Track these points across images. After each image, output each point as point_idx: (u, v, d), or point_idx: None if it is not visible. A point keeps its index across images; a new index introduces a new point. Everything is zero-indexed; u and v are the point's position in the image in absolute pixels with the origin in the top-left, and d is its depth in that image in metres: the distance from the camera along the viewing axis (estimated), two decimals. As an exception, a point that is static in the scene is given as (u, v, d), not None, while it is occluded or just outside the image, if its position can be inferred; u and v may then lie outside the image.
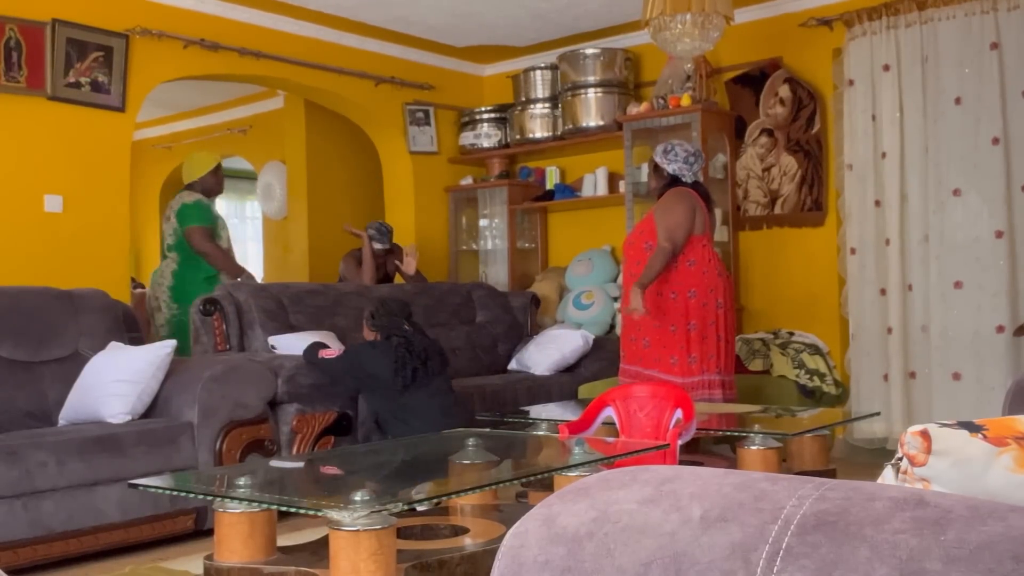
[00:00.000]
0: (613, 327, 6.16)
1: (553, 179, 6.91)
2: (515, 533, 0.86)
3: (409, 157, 6.94)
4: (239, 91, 7.96)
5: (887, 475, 0.98)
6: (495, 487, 2.93)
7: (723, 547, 0.72)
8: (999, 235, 4.94)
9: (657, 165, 4.62)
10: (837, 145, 5.57)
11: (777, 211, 5.86)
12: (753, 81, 5.94)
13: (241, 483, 2.47)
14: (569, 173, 6.93)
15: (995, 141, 4.96)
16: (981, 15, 4.99)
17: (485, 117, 7.00)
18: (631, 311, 4.32)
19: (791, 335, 5.54)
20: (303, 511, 2.54)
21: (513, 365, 5.89)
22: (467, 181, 7.14)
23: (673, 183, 4.57)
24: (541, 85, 6.73)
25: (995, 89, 4.95)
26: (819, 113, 5.69)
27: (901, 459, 0.96)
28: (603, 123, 6.35)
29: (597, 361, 5.67)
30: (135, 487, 2.65)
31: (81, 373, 3.88)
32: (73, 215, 5.09)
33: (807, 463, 3.98)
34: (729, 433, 4.08)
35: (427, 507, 3.05)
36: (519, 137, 6.83)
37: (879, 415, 4.61)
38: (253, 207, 10.03)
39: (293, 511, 2.59)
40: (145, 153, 8.94)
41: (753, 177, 5.94)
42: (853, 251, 5.40)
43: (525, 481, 3.03)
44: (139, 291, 7.00)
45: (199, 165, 5.79)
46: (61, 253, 5.01)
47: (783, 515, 0.72)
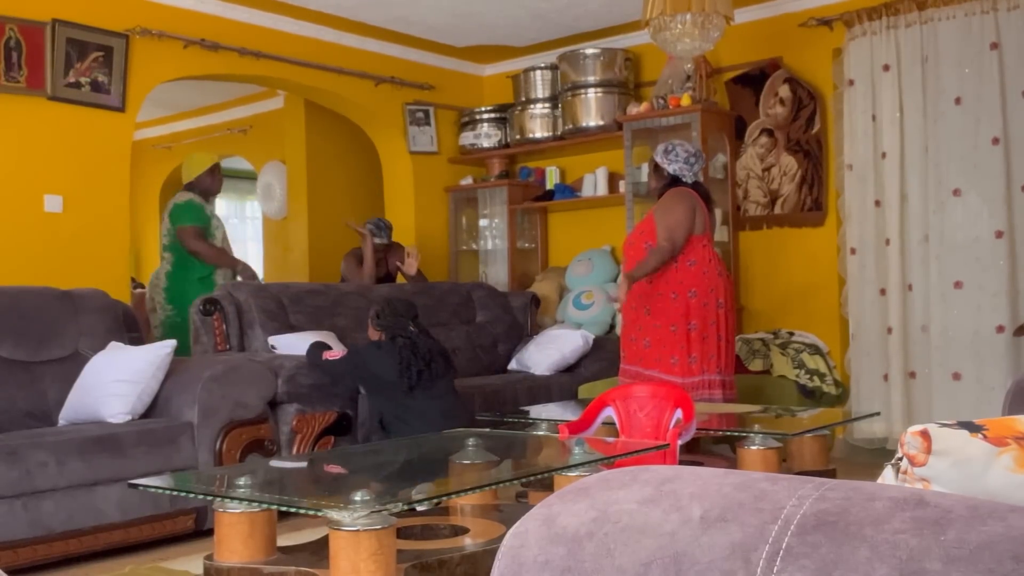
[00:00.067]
0: (613, 327, 6.16)
1: (553, 179, 6.91)
2: (515, 533, 0.86)
3: (409, 157, 6.94)
4: (239, 91, 7.96)
5: (887, 475, 0.98)
6: (495, 487, 2.93)
7: (723, 547, 0.72)
8: (999, 235, 4.94)
9: (658, 165, 4.62)
10: (837, 145, 5.57)
11: (777, 211, 5.86)
12: (753, 81, 5.94)
13: (241, 483, 2.47)
14: (569, 173, 6.93)
15: (995, 141, 4.96)
16: (981, 15, 4.99)
17: (485, 117, 7.00)
18: (613, 300, 4.36)
19: (791, 335, 5.54)
20: (303, 511, 2.54)
21: (513, 365, 5.89)
22: (467, 181, 7.14)
23: (673, 183, 4.57)
24: (541, 85, 6.73)
25: (995, 89, 4.95)
26: (819, 113, 5.69)
27: (901, 459, 0.96)
28: (603, 123, 6.35)
29: (597, 361, 5.67)
30: (135, 487, 2.65)
31: (81, 373, 3.88)
32: (73, 215, 5.09)
33: (807, 463, 3.98)
34: (729, 433, 4.08)
35: (427, 507, 3.05)
36: (519, 137, 6.83)
37: (879, 415, 4.61)
38: (253, 207, 10.03)
39: (293, 511, 2.59)
40: (145, 153, 8.94)
41: (753, 177, 5.94)
42: (853, 251, 5.40)
43: (525, 481, 3.03)
44: (139, 291, 7.00)
45: (196, 165, 5.82)
46: (61, 253, 5.01)
47: (783, 515, 0.72)
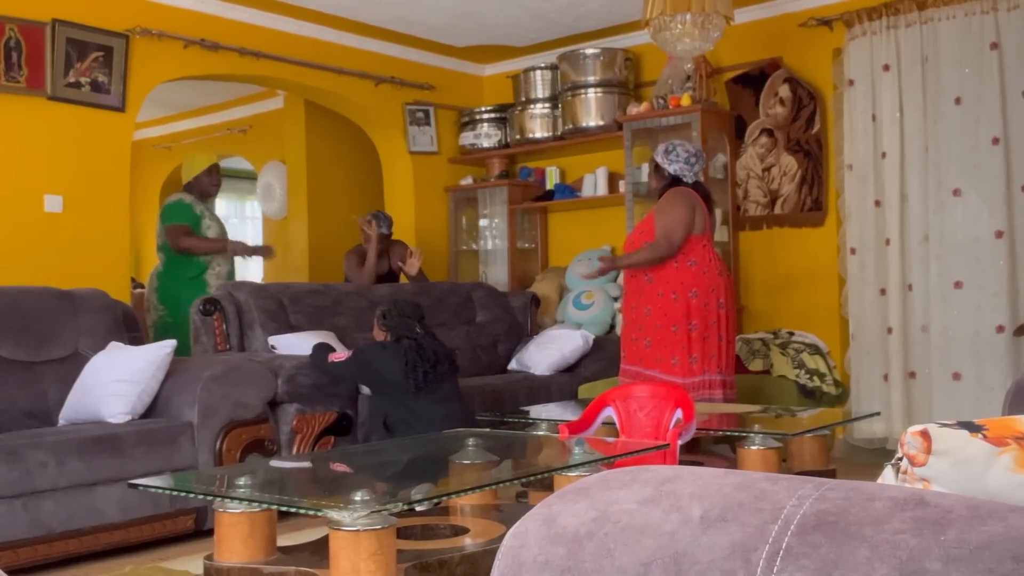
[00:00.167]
0: (613, 327, 6.16)
1: (553, 179, 6.91)
2: (515, 533, 0.86)
3: (409, 157, 6.94)
4: (239, 91, 7.96)
5: (887, 475, 0.98)
6: (495, 487, 2.93)
7: (723, 547, 0.72)
8: (999, 235, 4.94)
9: (658, 165, 4.62)
10: (837, 145, 5.57)
11: (777, 211, 5.86)
12: (753, 81, 5.94)
13: (241, 483, 2.47)
14: (569, 173, 6.93)
15: (995, 141, 4.96)
16: (981, 15, 4.99)
17: (485, 117, 7.00)
18: (589, 273, 4.46)
19: (791, 335, 5.54)
20: (303, 511, 2.54)
21: (513, 365, 5.89)
22: (467, 181, 7.14)
23: (674, 183, 4.57)
24: (541, 85, 6.73)
25: (995, 89, 4.95)
26: (819, 113, 5.69)
27: (901, 459, 0.96)
28: (603, 123, 6.35)
29: (597, 361, 5.66)
30: (135, 487, 2.65)
31: (81, 373, 3.88)
32: (73, 215, 5.09)
33: (807, 463, 3.97)
34: (729, 433, 4.07)
35: (427, 507, 3.05)
36: (519, 137, 6.83)
37: (879, 415, 4.61)
38: (253, 207, 10.02)
39: (293, 511, 2.59)
40: (145, 153, 8.94)
41: (753, 177, 5.94)
42: (853, 251, 5.40)
43: (525, 481, 3.03)
44: (139, 291, 7.00)
45: (194, 166, 5.87)
46: (61, 253, 5.01)
47: (783, 515, 0.72)
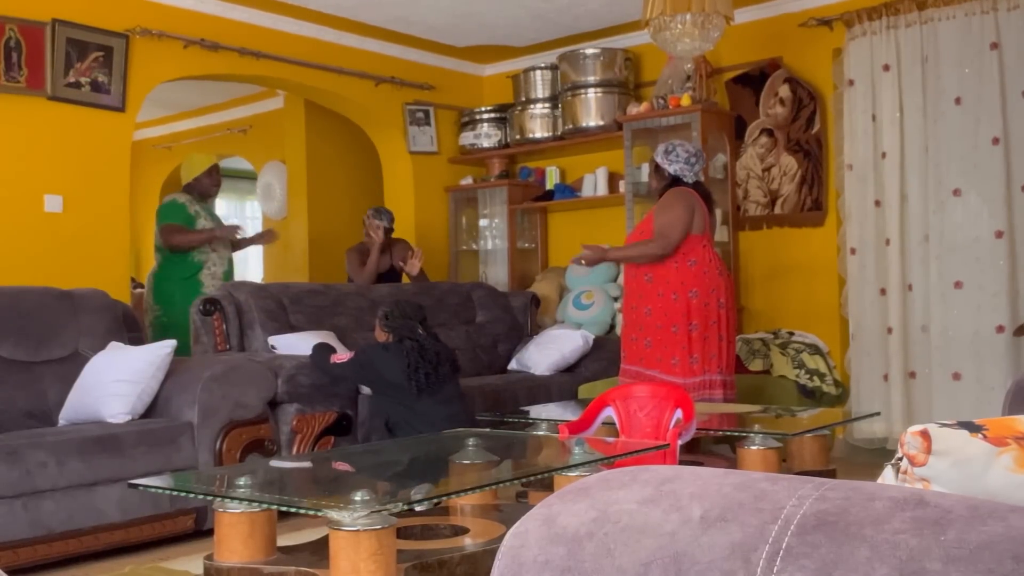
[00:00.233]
0: (613, 327, 6.16)
1: (553, 179, 6.91)
2: (515, 533, 0.86)
3: (409, 157, 6.94)
4: (239, 91, 7.96)
5: (887, 475, 0.98)
6: (495, 487, 2.93)
7: (723, 547, 0.72)
8: (999, 235, 4.94)
9: (658, 165, 4.62)
10: (837, 145, 5.57)
11: (777, 211, 5.86)
12: (753, 81, 5.94)
13: (241, 483, 2.47)
14: (569, 173, 6.93)
15: (995, 141, 4.96)
16: (981, 15, 4.99)
17: (485, 117, 7.00)
18: (579, 258, 4.53)
19: (791, 335, 5.54)
20: (303, 511, 2.54)
21: (513, 365, 5.88)
22: (467, 181, 7.14)
23: (674, 183, 4.56)
24: (541, 85, 6.73)
25: (995, 89, 4.95)
26: (819, 113, 5.69)
27: (901, 459, 0.96)
28: (603, 123, 6.35)
29: (597, 361, 5.66)
30: (135, 487, 2.65)
31: (81, 373, 3.88)
32: (73, 215, 5.09)
33: (807, 463, 3.97)
34: (729, 433, 4.07)
35: (427, 507, 3.05)
36: (519, 137, 6.83)
37: (879, 415, 4.61)
38: (253, 207, 10.03)
39: (293, 511, 2.59)
40: (145, 153, 8.94)
41: (753, 177, 5.94)
42: (853, 251, 5.40)
43: (525, 481, 3.03)
44: (139, 291, 7.00)
45: (194, 167, 5.88)
46: (61, 253, 5.01)
47: (783, 515, 0.72)
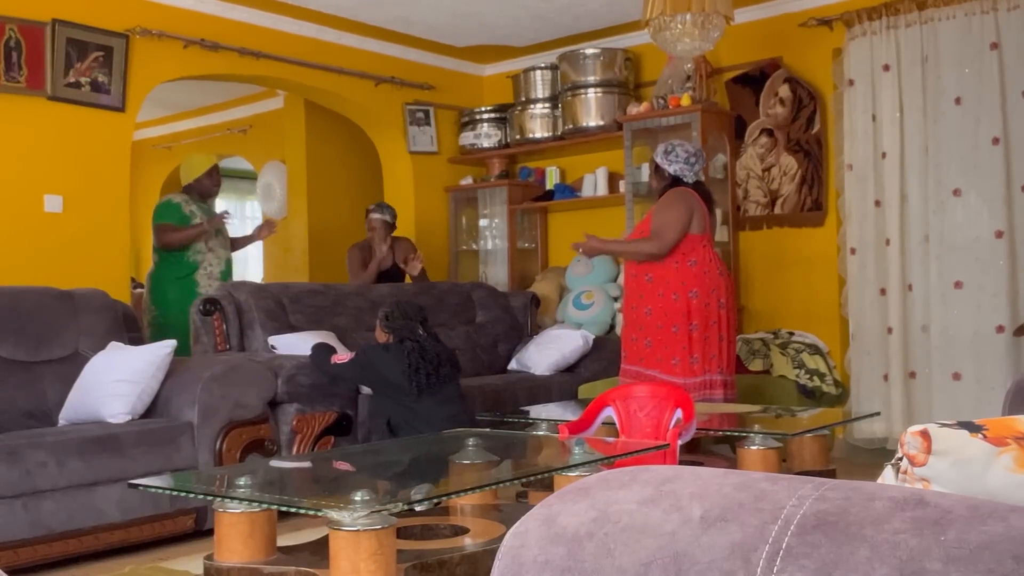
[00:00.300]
0: (613, 327, 6.16)
1: (553, 179, 6.90)
2: (515, 533, 0.86)
3: (409, 157, 6.94)
4: (239, 91, 7.96)
5: (887, 475, 0.98)
6: (495, 487, 2.93)
7: (723, 547, 0.72)
8: (999, 235, 4.94)
9: (658, 166, 4.62)
10: (837, 145, 5.57)
11: (777, 211, 5.86)
12: (753, 81, 5.93)
13: (241, 483, 2.47)
14: (569, 173, 6.93)
15: (995, 141, 4.95)
16: (981, 15, 4.99)
17: (485, 117, 7.00)
18: (578, 245, 4.54)
19: (791, 335, 5.54)
20: (303, 511, 2.54)
21: (513, 365, 5.88)
22: (467, 181, 7.14)
23: (674, 183, 4.57)
24: (541, 85, 6.73)
25: (995, 89, 4.95)
26: (819, 113, 5.69)
27: (901, 459, 0.96)
28: (603, 123, 6.35)
29: (597, 361, 5.66)
30: (135, 487, 2.65)
31: (81, 373, 3.88)
32: (73, 215, 5.09)
33: (807, 463, 3.97)
34: (729, 433, 4.07)
35: (427, 507, 3.05)
36: (519, 137, 6.83)
37: (879, 415, 4.61)
38: (253, 207, 10.02)
39: (293, 511, 2.59)
40: (145, 153, 8.94)
41: (753, 177, 5.94)
42: (853, 251, 5.40)
43: (525, 481, 3.03)
44: (139, 291, 7.00)
45: (194, 168, 5.88)
46: (61, 253, 5.01)
47: (783, 515, 0.72)
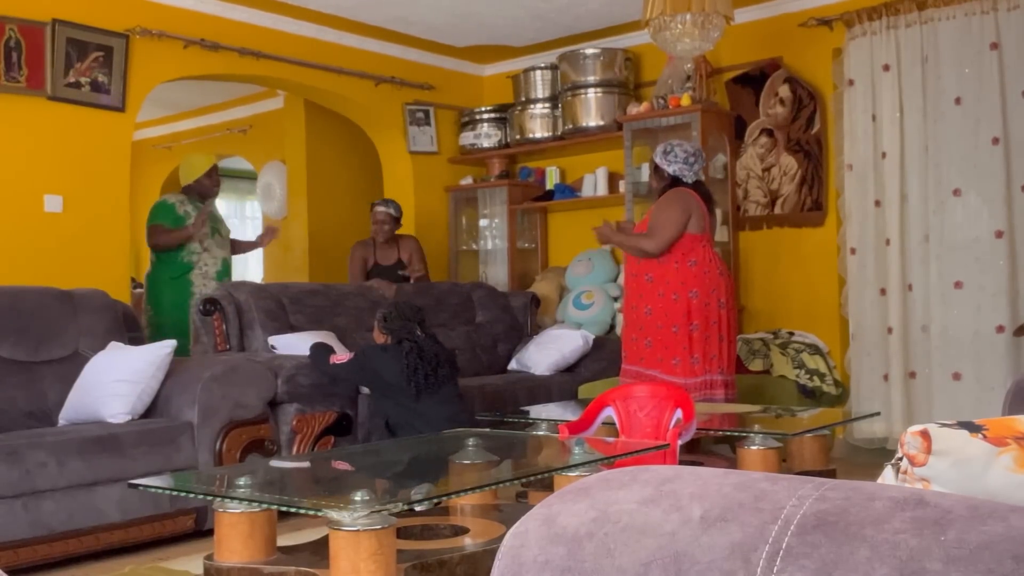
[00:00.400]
0: (613, 327, 6.16)
1: (553, 179, 6.90)
2: (515, 533, 0.86)
3: (409, 157, 6.94)
4: (239, 91, 7.96)
5: (887, 475, 0.98)
6: (495, 487, 2.93)
7: (723, 547, 0.72)
8: (999, 235, 4.94)
9: (657, 166, 4.62)
10: (837, 145, 5.57)
11: (777, 211, 5.86)
12: (753, 81, 5.93)
13: (241, 483, 2.47)
14: (569, 173, 6.92)
15: (995, 141, 4.95)
16: (981, 15, 4.99)
17: (485, 117, 7.00)
18: (596, 229, 4.60)
19: (791, 335, 5.54)
20: (303, 511, 2.54)
21: (513, 365, 5.88)
22: (467, 181, 7.14)
23: (674, 183, 4.57)
24: (541, 85, 6.73)
25: (995, 89, 4.95)
26: (819, 113, 5.69)
27: (901, 459, 0.96)
28: (603, 123, 6.35)
29: (597, 361, 5.66)
30: (135, 487, 2.65)
31: (81, 373, 3.88)
32: (73, 215, 5.09)
33: (807, 463, 3.97)
34: (729, 433, 4.07)
35: (427, 507, 3.05)
36: (519, 137, 6.83)
37: (879, 415, 4.61)
38: (253, 207, 10.02)
39: (293, 511, 2.59)
40: (145, 153, 8.94)
41: (753, 177, 5.94)
42: (853, 251, 5.40)
43: (525, 481, 3.03)
44: (139, 291, 7.00)
45: (193, 169, 5.86)
46: (61, 253, 5.01)
47: (783, 515, 0.72)
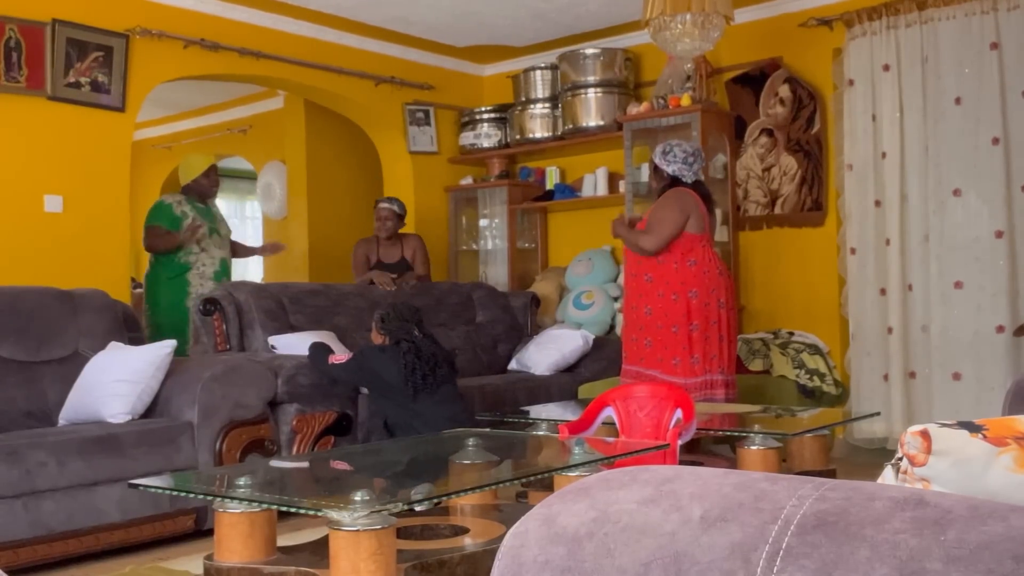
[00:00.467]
0: (613, 327, 6.16)
1: (553, 179, 6.90)
2: (515, 533, 0.86)
3: (409, 157, 6.94)
4: (239, 91, 7.96)
5: (887, 475, 0.98)
6: (495, 487, 2.93)
7: (723, 547, 0.72)
8: (999, 235, 4.94)
9: (657, 166, 4.63)
10: (837, 145, 5.57)
11: (777, 211, 5.86)
12: (753, 81, 5.93)
13: (241, 483, 2.47)
14: (569, 173, 6.92)
15: (995, 141, 4.95)
16: (981, 15, 4.99)
17: (485, 117, 7.00)
18: (615, 220, 4.67)
19: (791, 335, 5.54)
20: (303, 511, 2.54)
21: (513, 365, 5.88)
22: (467, 181, 7.14)
23: (673, 183, 4.57)
24: (541, 85, 6.73)
25: (995, 89, 4.95)
26: (819, 113, 5.69)
27: (901, 459, 0.96)
28: (603, 123, 6.35)
29: (597, 361, 5.66)
30: (135, 487, 2.65)
31: (81, 373, 3.88)
32: (73, 215, 5.09)
33: (807, 463, 3.97)
34: (729, 433, 4.07)
35: (427, 507, 3.05)
36: (519, 137, 6.83)
37: (879, 415, 4.61)
38: (253, 207, 10.02)
39: (293, 511, 2.59)
40: (145, 153, 8.94)
41: (753, 177, 5.93)
42: (853, 251, 5.40)
43: (525, 481, 3.03)
44: (139, 291, 7.00)
45: (192, 169, 5.85)
46: (61, 253, 5.01)
47: (783, 515, 0.72)
